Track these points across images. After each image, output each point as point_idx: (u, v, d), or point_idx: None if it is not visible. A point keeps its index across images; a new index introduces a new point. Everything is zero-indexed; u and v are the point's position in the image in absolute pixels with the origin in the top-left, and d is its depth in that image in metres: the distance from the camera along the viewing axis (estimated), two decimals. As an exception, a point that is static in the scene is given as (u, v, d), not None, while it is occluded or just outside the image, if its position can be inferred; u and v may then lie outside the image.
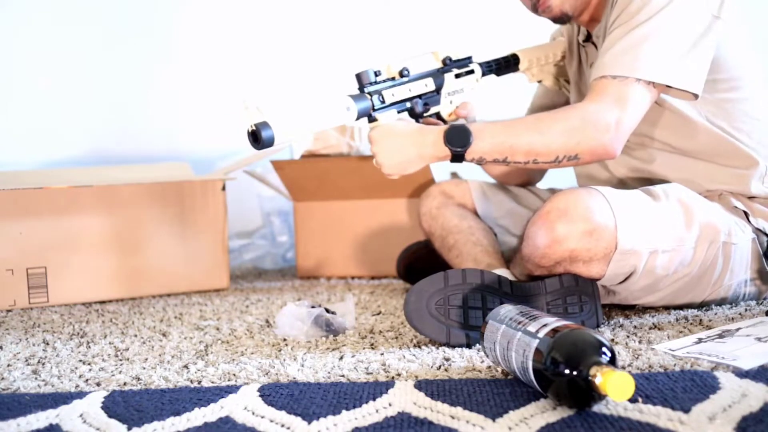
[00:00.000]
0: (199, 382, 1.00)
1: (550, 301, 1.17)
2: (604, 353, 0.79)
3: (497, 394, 0.89)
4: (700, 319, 1.23)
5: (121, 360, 1.15)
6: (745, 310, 1.28)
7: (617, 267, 1.17)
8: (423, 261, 1.72)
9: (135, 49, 2.43)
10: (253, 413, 0.86)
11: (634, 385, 0.75)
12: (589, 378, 0.76)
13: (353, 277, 2.00)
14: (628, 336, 1.14)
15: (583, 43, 1.43)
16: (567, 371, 0.79)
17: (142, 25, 2.43)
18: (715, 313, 1.27)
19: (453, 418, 0.81)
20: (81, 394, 0.95)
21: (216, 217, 1.87)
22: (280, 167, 1.96)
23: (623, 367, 0.97)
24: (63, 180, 1.78)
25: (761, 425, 0.74)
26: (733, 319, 1.22)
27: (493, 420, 0.80)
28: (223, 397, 0.92)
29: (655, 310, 1.32)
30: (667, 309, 1.32)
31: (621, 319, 1.26)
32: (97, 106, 2.41)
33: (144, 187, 1.79)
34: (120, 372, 1.07)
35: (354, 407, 0.86)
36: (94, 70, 2.41)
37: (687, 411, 0.79)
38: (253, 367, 1.05)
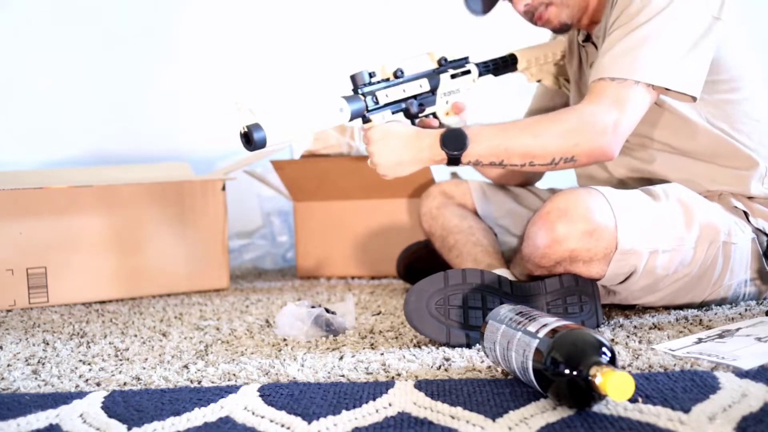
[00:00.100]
0: (199, 382, 1.00)
1: (550, 301, 1.17)
2: (604, 353, 0.79)
3: (497, 394, 0.88)
4: (700, 319, 1.23)
5: (121, 360, 1.15)
6: (745, 310, 1.28)
7: (617, 267, 1.17)
8: (423, 261, 1.72)
9: (135, 49, 2.43)
10: (253, 413, 0.86)
11: (634, 385, 0.75)
12: (589, 378, 0.76)
13: (353, 277, 2.00)
14: (628, 336, 1.14)
15: (582, 43, 1.43)
16: (567, 371, 0.79)
17: (142, 25, 2.43)
18: (715, 313, 1.27)
19: (453, 418, 0.81)
20: (81, 394, 0.95)
21: (216, 217, 1.87)
22: (280, 167, 1.96)
23: (623, 367, 0.97)
24: (63, 180, 1.78)
25: (761, 425, 0.74)
26: (733, 319, 1.22)
27: (493, 420, 0.80)
28: (223, 397, 0.92)
29: (655, 310, 1.32)
30: (667, 309, 1.32)
31: (621, 319, 1.26)
32: (97, 106, 2.41)
33: (144, 187, 1.79)
34: (120, 372, 1.07)
35: (354, 407, 0.86)
36: (94, 70, 2.41)
37: (687, 411, 0.79)
38: (253, 367, 1.05)
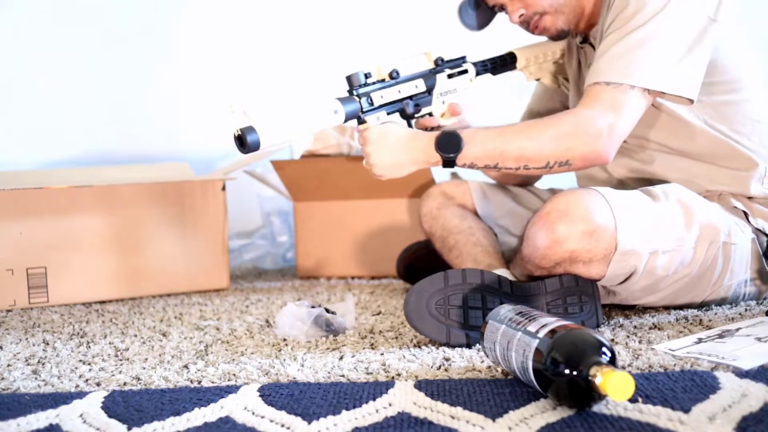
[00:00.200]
0: (199, 382, 1.00)
1: (550, 302, 1.17)
2: (604, 353, 0.79)
3: (497, 394, 0.88)
4: (700, 319, 1.23)
5: (121, 360, 1.15)
6: (745, 310, 1.28)
7: (617, 267, 1.17)
8: (423, 261, 1.72)
9: (135, 49, 2.43)
10: (253, 413, 0.86)
11: (634, 385, 0.75)
12: (589, 378, 0.76)
13: (353, 277, 2.00)
14: (628, 336, 1.14)
15: (580, 45, 1.43)
16: (567, 371, 0.79)
17: (142, 25, 2.43)
18: (715, 313, 1.27)
19: (453, 418, 0.81)
20: (81, 394, 0.95)
21: (216, 217, 1.87)
22: (280, 167, 1.96)
23: (623, 367, 0.97)
24: (63, 180, 1.78)
25: (761, 425, 0.74)
26: (733, 319, 1.22)
27: (493, 420, 0.80)
28: (223, 397, 0.92)
29: (655, 310, 1.32)
30: (667, 309, 1.32)
31: (621, 319, 1.26)
32: (97, 106, 2.41)
33: (144, 187, 1.79)
34: (120, 372, 1.07)
35: (354, 407, 0.86)
36: (94, 70, 2.41)
37: (687, 411, 0.79)
38: (253, 367, 1.05)
